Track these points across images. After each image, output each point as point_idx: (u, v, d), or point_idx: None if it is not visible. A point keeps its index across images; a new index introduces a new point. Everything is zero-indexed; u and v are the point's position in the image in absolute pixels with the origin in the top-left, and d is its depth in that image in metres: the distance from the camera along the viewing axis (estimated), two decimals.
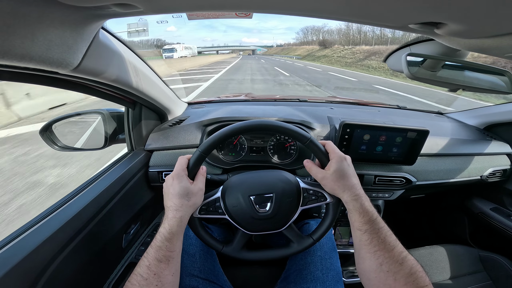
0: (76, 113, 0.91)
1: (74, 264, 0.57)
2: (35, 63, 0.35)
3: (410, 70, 0.64)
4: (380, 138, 0.87)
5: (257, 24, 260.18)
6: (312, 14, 0.39)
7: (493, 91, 0.73)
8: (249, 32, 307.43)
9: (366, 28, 68.96)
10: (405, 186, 0.97)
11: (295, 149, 1.00)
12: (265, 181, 0.63)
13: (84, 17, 0.36)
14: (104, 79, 0.55)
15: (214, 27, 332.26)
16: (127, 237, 0.81)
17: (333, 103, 1.35)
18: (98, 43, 0.47)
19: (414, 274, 0.44)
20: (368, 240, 0.49)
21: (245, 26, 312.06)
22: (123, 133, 0.92)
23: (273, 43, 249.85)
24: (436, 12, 0.33)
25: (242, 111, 1.04)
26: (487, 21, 0.35)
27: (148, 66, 0.77)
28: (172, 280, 0.49)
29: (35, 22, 0.32)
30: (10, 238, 0.50)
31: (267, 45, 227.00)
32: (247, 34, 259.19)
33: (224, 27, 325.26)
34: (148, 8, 0.33)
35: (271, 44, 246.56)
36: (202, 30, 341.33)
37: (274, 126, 0.59)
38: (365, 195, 0.54)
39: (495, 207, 1.13)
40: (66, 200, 0.63)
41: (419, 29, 0.40)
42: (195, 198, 0.55)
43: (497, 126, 1.15)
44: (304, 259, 0.72)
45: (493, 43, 0.42)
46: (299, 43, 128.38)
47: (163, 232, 0.50)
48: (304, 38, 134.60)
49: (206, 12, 0.42)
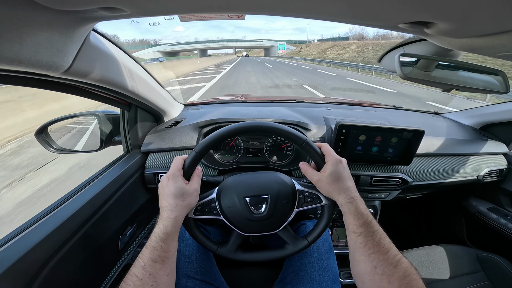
0: (72, 115, 0.91)
1: (70, 266, 0.57)
2: (25, 66, 0.35)
3: (404, 70, 0.65)
4: (375, 139, 0.87)
5: (264, 25, 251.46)
6: (301, 15, 0.39)
7: (487, 91, 0.73)
8: (257, 32, 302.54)
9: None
10: (402, 186, 0.97)
11: (291, 151, 1.00)
12: (261, 183, 0.63)
13: (73, 20, 0.36)
14: (97, 81, 0.55)
15: (222, 27, 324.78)
16: (124, 239, 0.81)
17: (329, 103, 1.35)
18: (90, 46, 0.47)
19: (408, 277, 0.45)
20: (363, 243, 0.49)
21: (253, 27, 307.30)
22: (119, 135, 0.92)
23: (312, 39, 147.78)
24: (422, 11, 0.33)
25: (238, 112, 1.04)
26: (476, 20, 0.35)
27: (143, 68, 0.77)
28: (168, 280, 0.49)
29: (22, 25, 0.32)
30: (6, 239, 0.50)
31: (297, 40, 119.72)
32: (255, 34, 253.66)
33: (231, 27, 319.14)
34: (135, 11, 0.33)
35: (303, 39, 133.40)
36: (210, 30, 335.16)
37: (270, 127, 0.59)
38: (360, 198, 0.54)
39: (492, 207, 1.13)
40: (62, 202, 0.63)
41: (409, 28, 0.40)
42: (190, 199, 0.55)
43: (493, 125, 1.16)
44: (301, 260, 0.72)
45: (484, 42, 0.42)
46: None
47: (158, 232, 0.50)
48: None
49: (198, 14, 0.42)
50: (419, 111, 1.37)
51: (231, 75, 15.28)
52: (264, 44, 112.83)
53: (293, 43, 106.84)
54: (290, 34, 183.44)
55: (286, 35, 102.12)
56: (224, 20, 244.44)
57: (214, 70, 19.80)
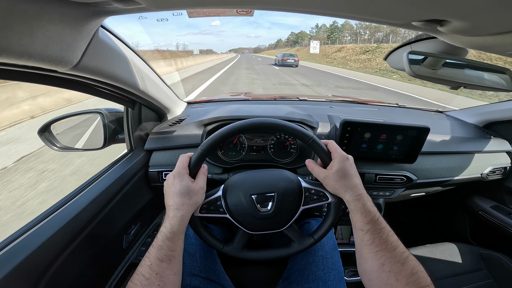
0: (75, 112, 0.90)
1: (75, 265, 0.57)
2: (34, 61, 0.35)
3: (412, 68, 0.64)
4: (380, 137, 0.87)
5: (302, 22, 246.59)
6: (314, 11, 0.38)
7: (493, 89, 0.73)
8: (294, 29, 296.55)
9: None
10: (406, 184, 0.97)
11: (295, 148, 1.00)
12: (267, 180, 0.62)
13: (84, 14, 0.36)
14: (103, 77, 0.54)
15: (259, 24, 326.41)
16: (128, 238, 0.80)
17: (332, 101, 1.35)
18: (98, 41, 0.47)
19: (415, 274, 0.45)
20: (370, 240, 0.49)
21: (290, 24, 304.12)
22: (122, 133, 0.92)
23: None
24: (440, 9, 0.33)
25: (241, 110, 1.04)
26: (491, 18, 0.35)
27: (148, 66, 0.76)
28: (174, 279, 0.49)
29: (33, 19, 0.31)
30: (11, 239, 0.50)
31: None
32: (292, 31, 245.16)
33: (268, 23, 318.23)
34: (150, 4, 0.32)
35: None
36: (246, 27, 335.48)
37: (276, 124, 0.58)
38: (367, 195, 0.54)
39: (495, 205, 1.14)
40: (65, 201, 0.62)
41: (422, 26, 0.40)
42: (197, 197, 0.55)
43: (496, 124, 1.16)
44: (306, 259, 0.72)
45: (495, 40, 0.42)
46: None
47: (164, 231, 0.49)
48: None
49: (207, 10, 0.42)
50: (422, 109, 1.37)
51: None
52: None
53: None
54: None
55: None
56: (261, 16, 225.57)
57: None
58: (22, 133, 3.97)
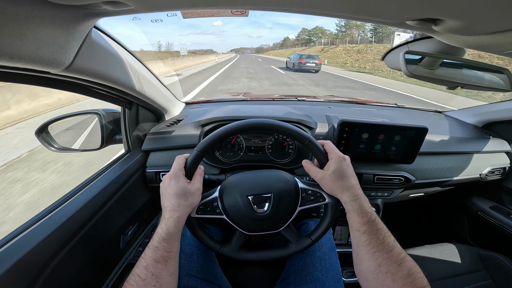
0: (72, 113, 0.90)
1: (72, 266, 0.57)
2: (25, 63, 0.34)
3: (408, 68, 0.64)
4: (378, 137, 0.86)
5: (303, 22, 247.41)
6: (308, 11, 0.38)
7: (492, 89, 0.72)
8: (294, 30, 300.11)
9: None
10: (404, 185, 0.97)
11: (293, 149, 0.99)
12: (264, 181, 0.62)
13: (75, 16, 0.36)
14: (98, 78, 0.54)
15: (261, 24, 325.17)
16: (125, 238, 0.80)
17: (331, 102, 1.34)
18: (91, 42, 0.47)
19: (412, 275, 0.44)
20: (367, 241, 0.49)
21: (291, 23, 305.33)
22: (120, 134, 0.92)
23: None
24: (434, 8, 0.33)
25: (239, 110, 1.04)
26: (486, 18, 0.34)
27: (144, 66, 0.76)
28: (170, 280, 0.49)
29: (24, 21, 0.31)
30: (7, 239, 0.50)
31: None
32: (293, 31, 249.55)
33: (270, 23, 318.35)
34: (139, 6, 0.32)
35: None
36: (247, 27, 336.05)
37: (273, 125, 0.58)
38: (364, 195, 0.54)
39: (494, 206, 1.13)
40: (63, 201, 0.62)
41: (417, 25, 0.39)
42: (193, 198, 0.55)
43: (495, 124, 1.15)
44: (303, 260, 0.71)
45: (492, 40, 0.42)
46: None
47: (160, 232, 0.49)
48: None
49: (201, 10, 0.41)
50: (421, 110, 1.37)
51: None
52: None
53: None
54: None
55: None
56: (262, 16, 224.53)
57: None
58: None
